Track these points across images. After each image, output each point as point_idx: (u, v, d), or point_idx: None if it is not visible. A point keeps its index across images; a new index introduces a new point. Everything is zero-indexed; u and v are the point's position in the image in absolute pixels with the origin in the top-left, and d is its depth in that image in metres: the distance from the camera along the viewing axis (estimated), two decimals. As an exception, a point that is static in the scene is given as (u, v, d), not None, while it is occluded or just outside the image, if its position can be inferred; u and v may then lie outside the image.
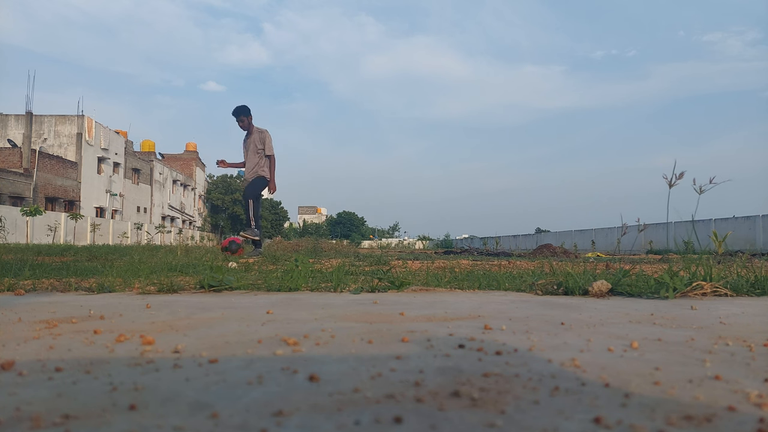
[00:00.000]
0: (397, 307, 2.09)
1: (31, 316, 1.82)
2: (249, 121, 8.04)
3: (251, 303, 2.26)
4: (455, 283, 3.13)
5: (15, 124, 35.93)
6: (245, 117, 8.01)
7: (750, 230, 22.48)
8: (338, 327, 1.59)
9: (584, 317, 1.86)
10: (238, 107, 8.02)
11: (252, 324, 1.66)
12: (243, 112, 8.00)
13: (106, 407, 0.81)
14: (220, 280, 2.82)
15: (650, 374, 1.04)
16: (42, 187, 31.62)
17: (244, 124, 8.04)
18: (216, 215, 62.40)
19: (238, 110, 8.01)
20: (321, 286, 2.92)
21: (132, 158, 44.38)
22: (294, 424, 0.75)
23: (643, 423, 0.75)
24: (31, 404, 0.83)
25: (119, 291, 2.79)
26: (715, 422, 0.76)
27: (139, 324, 1.66)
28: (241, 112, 8.00)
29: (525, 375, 1.02)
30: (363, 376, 1.01)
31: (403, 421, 0.75)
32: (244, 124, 8.04)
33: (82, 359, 1.16)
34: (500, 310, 2.02)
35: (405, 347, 1.28)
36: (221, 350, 1.26)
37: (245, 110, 8.02)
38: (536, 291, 2.77)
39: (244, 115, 8.01)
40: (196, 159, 59.19)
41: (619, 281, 2.69)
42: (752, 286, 2.74)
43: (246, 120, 8.02)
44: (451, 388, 0.92)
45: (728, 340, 1.42)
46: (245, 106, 8.06)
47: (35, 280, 3.23)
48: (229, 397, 0.87)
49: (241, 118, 8.01)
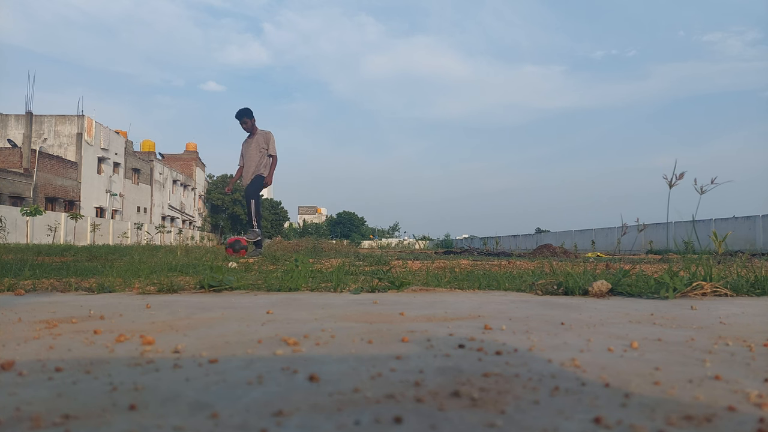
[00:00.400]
0: (397, 307, 2.09)
1: (31, 316, 1.82)
2: (252, 123, 8.20)
3: (251, 303, 2.26)
4: (455, 283, 3.13)
5: (15, 124, 35.93)
6: (249, 119, 8.16)
7: (750, 230, 22.48)
8: (338, 327, 1.59)
9: (584, 317, 1.86)
10: (242, 110, 8.17)
11: (252, 324, 1.66)
12: (246, 115, 8.15)
13: (106, 407, 0.81)
14: (220, 280, 2.82)
15: (650, 374, 1.04)
16: (42, 187, 31.62)
17: (248, 126, 8.18)
18: (216, 215, 62.40)
19: (241, 113, 8.16)
20: (321, 286, 2.92)
21: (132, 158, 44.38)
22: (294, 424, 0.75)
23: (643, 423, 0.75)
24: (31, 404, 0.83)
25: (119, 291, 2.79)
26: (715, 422, 0.76)
27: (139, 324, 1.66)
28: (244, 114, 8.15)
29: (525, 375, 1.02)
30: (363, 376, 1.01)
31: (403, 421, 0.75)
32: (247, 126, 8.18)
33: (82, 359, 1.16)
34: (500, 310, 2.02)
35: (405, 347, 1.28)
36: (221, 350, 1.26)
37: (248, 113, 8.17)
38: (536, 291, 2.77)
39: (248, 117, 8.16)
40: (196, 159, 59.19)
41: (619, 281, 2.69)
42: (752, 286, 2.74)
43: (249, 122, 8.17)
44: (451, 388, 0.92)
45: (728, 340, 1.42)
46: (248, 108, 8.21)
47: (35, 280, 3.23)
48: (229, 397, 0.87)
49: (244, 120, 8.16)
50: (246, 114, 8.14)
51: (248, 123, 8.16)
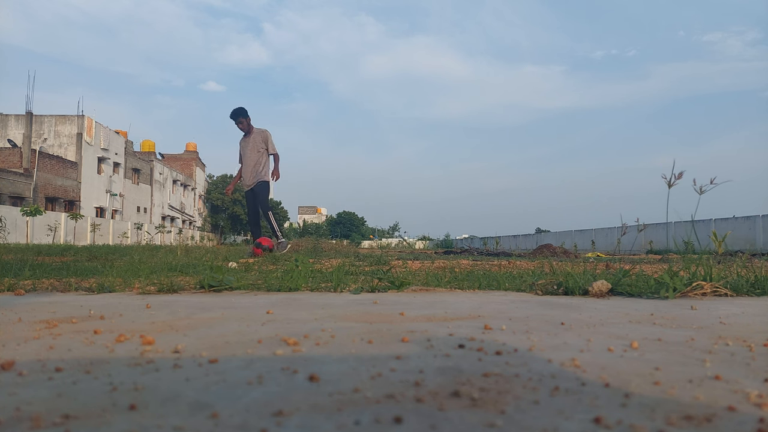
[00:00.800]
0: (397, 307, 2.09)
1: (31, 316, 1.82)
2: (248, 122, 8.05)
3: (251, 303, 2.26)
4: (455, 283, 3.13)
5: (15, 124, 35.93)
6: (244, 119, 8.01)
7: (750, 230, 22.48)
8: (338, 327, 1.59)
9: (584, 317, 1.86)
10: (236, 109, 8.01)
11: (252, 324, 1.66)
12: (242, 114, 8.00)
13: (106, 407, 0.81)
14: (220, 280, 2.82)
15: (650, 374, 1.04)
16: (42, 187, 31.62)
17: (244, 125, 8.03)
18: (216, 215, 62.39)
19: (236, 112, 8.00)
20: (321, 286, 2.92)
21: (132, 158, 44.38)
22: (294, 424, 0.75)
23: (643, 423, 0.75)
24: (31, 404, 0.83)
25: (119, 291, 2.79)
26: (715, 422, 0.76)
27: (139, 324, 1.66)
28: (239, 114, 7.99)
29: (525, 375, 1.02)
30: (363, 376, 1.01)
31: (403, 421, 0.75)
32: (243, 125, 8.03)
33: (82, 359, 1.16)
34: (500, 310, 2.02)
35: (405, 347, 1.28)
36: (221, 350, 1.26)
37: (243, 112, 8.02)
38: (536, 291, 2.77)
39: (243, 117, 8.00)
40: (196, 159, 59.19)
41: (619, 281, 2.69)
42: (752, 286, 2.74)
43: (245, 121, 8.02)
44: (451, 388, 0.92)
45: (728, 340, 1.42)
46: (243, 108, 8.04)
47: (35, 280, 3.23)
48: (229, 397, 0.87)
49: (240, 120, 8.00)
50: (241, 114, 7.99)
51: (244, 123, 8.01)
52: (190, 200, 58.32)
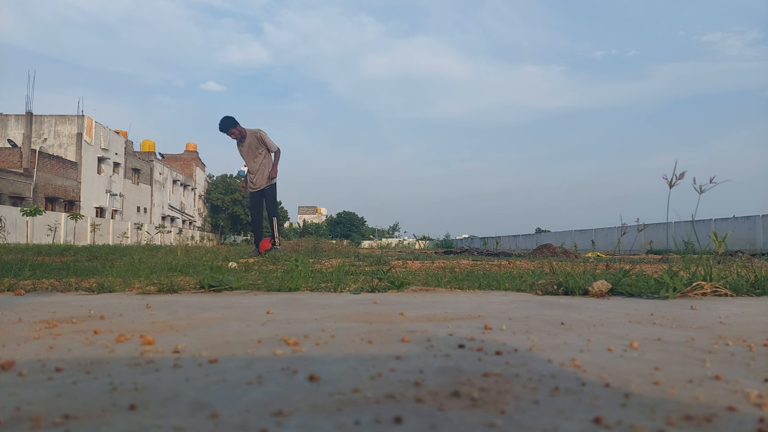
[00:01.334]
0: (397, 307, 2.09)
1: (31, 316, 1.82)
2: (239, 129, 7.73)
3: (251, 303, 2.26)
4: (455, 283, 3.13)
5: (15, 124, 35.93)
6: (234, 128, 7.68)
7: (750, 230, 22.48)
8: (338, 327, 1.59)
9: (584, 317, 1.86)
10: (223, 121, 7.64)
11: (252, 324, 1.66)
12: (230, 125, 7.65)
13: (106, 407, 0.81)
14: (220, 280, 2.82)
15: (650, 374, 1.04)
16: (42, 187, 31.61)
17: (236, 134, 7.73)
18: (216, 215, 62.37)
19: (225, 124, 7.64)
20: (321, 286, 2.92)
21: (132, 158, 44.38)
22: (294, 424, 0.75)
23: (643, 423, 0.75)
24: (31, 404, 0.83)
25: (119, 291, 2.79)
26: (715, 422, 0.76)
27: (139, 324, 1.66)
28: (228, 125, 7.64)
29: (525, 375, 1.02)
30: (363, 376, 1.01)
31: (403, 421, 0.75)
32: (235, 134, 7.73)
33: (82, 359, 1.16)
34: (500, 310, 2.02)
35: (405, 347, 1.28)
36: (221, 350, 1.26)
37: (232, 121, 7.67)
38: (536, 291, 2.77)
39: (232, 127, 7.67)
40: (196, 159, 59.19)
41: (619, 281, 2.69)
42: (752, 286, 2.74)
43: (236, 131, 7.70)
44: (451, 388, 0.92)
45: (728, 340, 1.42)
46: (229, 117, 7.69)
47: (35, 280, 3.23)
48: (229, 397, 0.87)
49: (230, 131, 7.68)
50: (230, 124, 7.62)
51: (235, 132, 7.68)
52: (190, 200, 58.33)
